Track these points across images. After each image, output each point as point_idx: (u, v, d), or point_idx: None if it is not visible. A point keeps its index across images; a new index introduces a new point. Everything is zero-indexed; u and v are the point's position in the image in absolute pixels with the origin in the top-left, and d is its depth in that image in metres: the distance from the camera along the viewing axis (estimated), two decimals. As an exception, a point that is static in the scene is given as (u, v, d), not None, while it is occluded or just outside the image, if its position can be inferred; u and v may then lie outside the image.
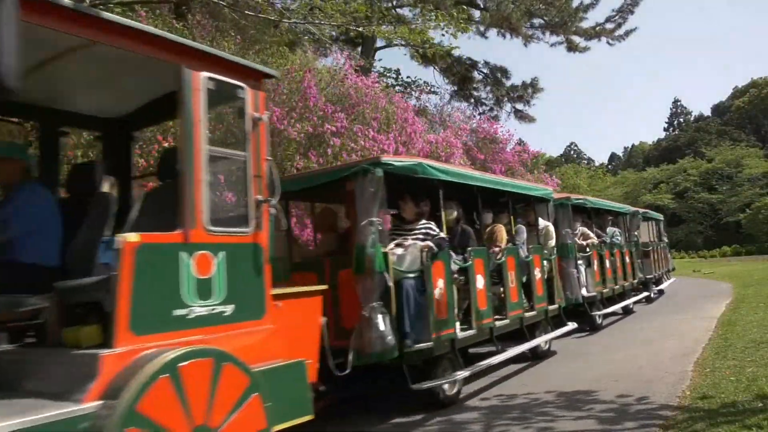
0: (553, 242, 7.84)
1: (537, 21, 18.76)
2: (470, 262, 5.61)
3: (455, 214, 6.22)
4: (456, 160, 11.72)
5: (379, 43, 18.00)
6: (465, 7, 8.90)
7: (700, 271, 24.24)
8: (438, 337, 4.95)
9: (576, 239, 9.16)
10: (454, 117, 17.60)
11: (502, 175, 15.98)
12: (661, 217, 17.25)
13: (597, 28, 19.07)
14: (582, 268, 8.94)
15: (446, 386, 5.14)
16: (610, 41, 19.32)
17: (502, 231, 6.65)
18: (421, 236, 5.25)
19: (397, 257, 4.81)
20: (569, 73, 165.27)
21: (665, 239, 17.11)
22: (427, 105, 18.35)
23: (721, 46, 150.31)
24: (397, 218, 6.01)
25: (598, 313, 9.54)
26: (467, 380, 5.68)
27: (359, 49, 16.47)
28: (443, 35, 8.98)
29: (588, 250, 9.41)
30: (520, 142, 19.71)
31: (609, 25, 19.11)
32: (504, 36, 18.51)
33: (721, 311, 10.01)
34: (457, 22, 8.50)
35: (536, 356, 7.12)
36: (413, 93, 18.86)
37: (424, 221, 5.46)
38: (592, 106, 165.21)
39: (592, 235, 9.86)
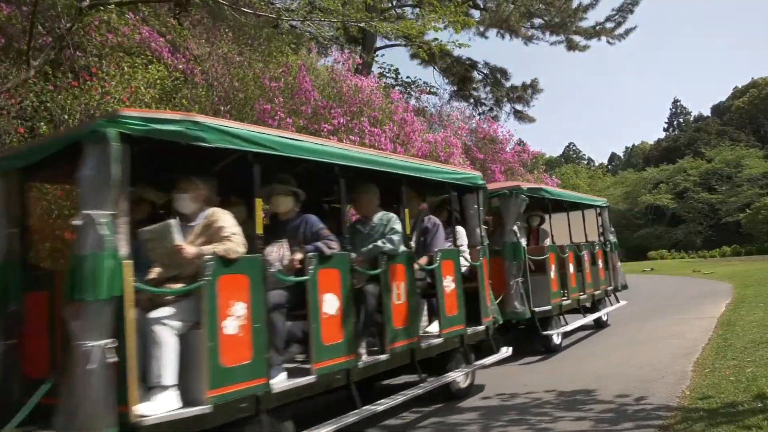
0: None
1: (537, 21, 18.75)
2: None
3: None
4: (455, 160, 11.70)
5: (380, 42, 18.00)
6: (461, 3, 8.83)
7: (699, 271, 24.21)
8: None
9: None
10: (453, 117, 17.58)
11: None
12: (601, 202, 10.79)
13: (597, 28, 19.06)
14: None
15: None
16: (610, 40, 19.31)
17: None
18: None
19: None
20: (569, 72, 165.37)
21: (612, 238, 10.66)
22: (426, 105, 18.35)
23: (721, 45, 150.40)
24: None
25: None
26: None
27: (359, 48, 16.46)
28: (443, 28, 8.93)
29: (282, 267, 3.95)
30: (520, 142, 19.68)
31: (609, 25, 19.10)
32: (503, 36, 18.52)
33: (720, 311, 9.99)
34: (457, 16, 8.47)
35: None
36: (413, 93, 18.86)
37: None
38: (592, 106, 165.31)
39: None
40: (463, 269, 5.69)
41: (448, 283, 5.31)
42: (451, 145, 11.97)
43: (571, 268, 8.38)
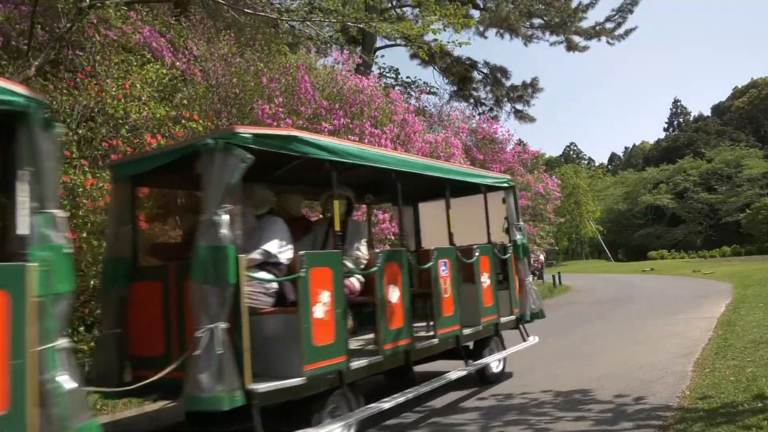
0: None
1: (537, 21, 18.77)
2: None
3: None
4: (456, 160, 11.70)
5: (379, 42, 18.00)
6: (461, 3, 8.81)
7: (699, 271, 24.23)
8: None
9: None
10: (452, 117, 17.61)
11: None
12: (496, 180, 6.58)
13: (597, 28, 19.08)
14: None
15: None
16: (610, 40, 19.34)
17: None
18: None
19: None
20: (569, 72, 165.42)
21: (519, 238, 6.59)
22: (426, 105, 18.37)
23: (721, 45, 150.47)
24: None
25: None
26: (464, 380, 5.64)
27: (359, 49, 16.48)
28: (443, 29, 8.93)
29: None
30: (520, 142, 19.71)
31: (609, 25, 19.13)
32: (503, 36, 18.54)
33: (720, 311, 9.99)
34: (457, 17, 8.47)
35: None
36: (413, 93, 18.87)
37: None
38: (592, 106, 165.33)
39: None
40: None
41: None
42: (452, 146, 11.97)
43: (395, 295, 4.61)
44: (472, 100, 21.47)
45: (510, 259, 6.47)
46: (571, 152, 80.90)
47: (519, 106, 21.41)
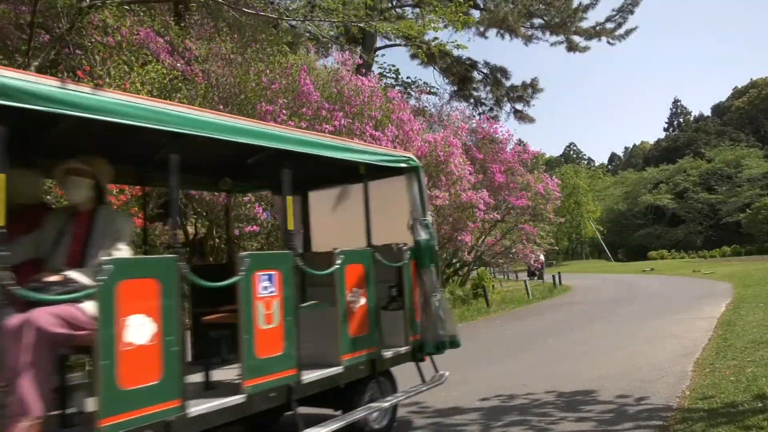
0: None
1: (537, 21, 18.79)
2: None
3: None
4: (455, 160, 11.69)
5: (380, 42, 18.03)
6: (461, 1, 8.78)
7: (699, 271, 24.23)
8: None
9: None
10: (452, 117, 17.62)
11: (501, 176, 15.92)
12: (397, 158, 4.64)
13: (597, 28, 19.10)
14: None
15: None
16: (610, 41, 19.35)
17: None
18: None
19: None
20: (569, 72, 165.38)
21: (425, 238, 4.61)
22: (426, 105, 18.40)
23: (721, 45, 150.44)
24: None
25: None
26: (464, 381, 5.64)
27: (359, 48, 16.49)
28: (443, 28, 8.91)
29: None
30: (520, 142, 19.72)
31: (609, 25, 19.15)
32: (503, 36, 18.55)
33: (720, 311, 10.00)
34: (457, 15, 8.46)
35: None
36: (413, 93, 18.89)
37: None
38: (592, 106, 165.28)
39: None
40: None
41: None
42: (451, 145, 11.95)
43: (144, 332, 2.62)
44: (472, 100, 21.51)
45: (407, 268, 4.55)
46: (571, 152, 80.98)
47: (519, 106, 21.46)
